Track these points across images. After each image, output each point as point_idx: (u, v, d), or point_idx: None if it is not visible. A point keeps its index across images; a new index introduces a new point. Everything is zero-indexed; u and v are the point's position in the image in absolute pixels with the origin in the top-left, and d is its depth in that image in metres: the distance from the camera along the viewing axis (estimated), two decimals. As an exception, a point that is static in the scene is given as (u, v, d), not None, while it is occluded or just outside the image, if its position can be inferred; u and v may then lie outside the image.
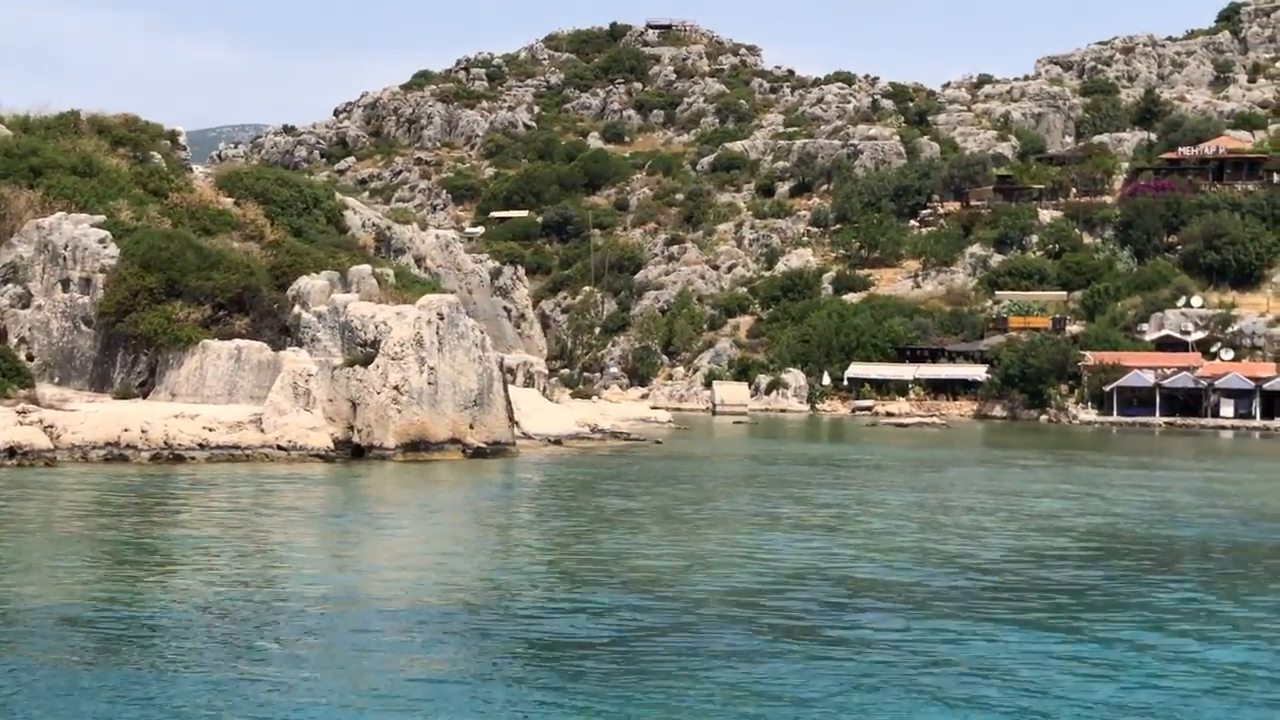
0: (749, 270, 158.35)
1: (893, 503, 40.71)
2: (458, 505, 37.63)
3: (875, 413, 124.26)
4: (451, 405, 49.45)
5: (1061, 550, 31.51)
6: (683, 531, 33.65)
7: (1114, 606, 24.54)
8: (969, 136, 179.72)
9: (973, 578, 27.10)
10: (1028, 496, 43.89)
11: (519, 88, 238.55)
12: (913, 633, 21.68)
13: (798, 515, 36.96)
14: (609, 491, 41.89)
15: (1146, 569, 29.10)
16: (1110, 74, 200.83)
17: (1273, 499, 45.86)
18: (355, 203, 76.73)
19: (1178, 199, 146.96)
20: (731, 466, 54.56)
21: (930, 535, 33.64)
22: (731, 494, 42.56)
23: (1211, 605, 25.05)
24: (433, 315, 49.21)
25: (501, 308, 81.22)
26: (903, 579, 26.69)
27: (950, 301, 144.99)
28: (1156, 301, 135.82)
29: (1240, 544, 34.10)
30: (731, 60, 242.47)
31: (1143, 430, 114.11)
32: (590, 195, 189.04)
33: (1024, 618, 23.18)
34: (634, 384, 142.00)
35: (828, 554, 30.00)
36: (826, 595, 24.82)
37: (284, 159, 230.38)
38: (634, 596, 24.01)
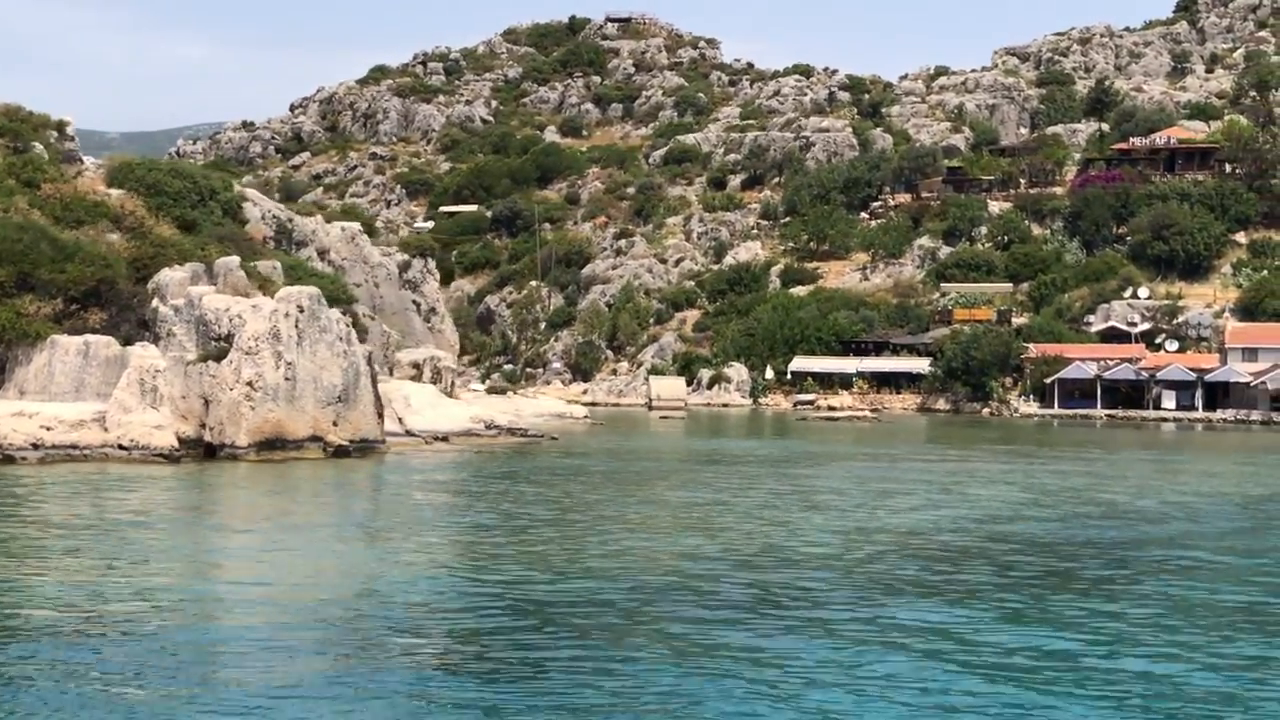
0: (697, 264, 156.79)
1: (732, 503, 39.15)
2: (263, 512, 35.77)
3: (817, 407, 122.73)
4: (312, 402, 47.85)
5: (833, 554, 29.98)
6: (498, 535, 32.17)
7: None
8: (922, 128, 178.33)
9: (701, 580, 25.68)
10: (871, 494, 42.44)
11: (476, 82, 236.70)
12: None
13: (631, 515, 35.48)
14: (454, 491, 40.38)
15: (907, 571, 27.67)
16: (1067, 65, 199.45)
17: (1129, 497, 44.35)
18: (256, 194, 75.13)
19: (1127, 190, 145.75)
20: (609, 464, 52.99)
21: (737, 535, 32.16)
22: (584, 494, 41.04)
23: (927, 616, 23.61)
24: (291, 308, 47.56)
25: (410, 301, 79.57)
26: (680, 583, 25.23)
27: (898, 294, 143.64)
28: (1103, 293, 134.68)
29: (1044, 543, 32.62)
30: (690, 53, 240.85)
31: (1083, 423, 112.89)
32: (542, 189, 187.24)
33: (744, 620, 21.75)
34: (577, 379, 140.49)
35: (624, 554, 28.58)
36: (606, 598, 23.39)
37: (239, 154, 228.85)
38: (428, 605, 22.54)
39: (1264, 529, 35.82)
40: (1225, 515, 38.79)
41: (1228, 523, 37.10)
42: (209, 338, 47.14)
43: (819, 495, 40.98)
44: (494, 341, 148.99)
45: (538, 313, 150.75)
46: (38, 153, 62.79)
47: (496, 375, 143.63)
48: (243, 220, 71.92)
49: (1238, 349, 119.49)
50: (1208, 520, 37.47)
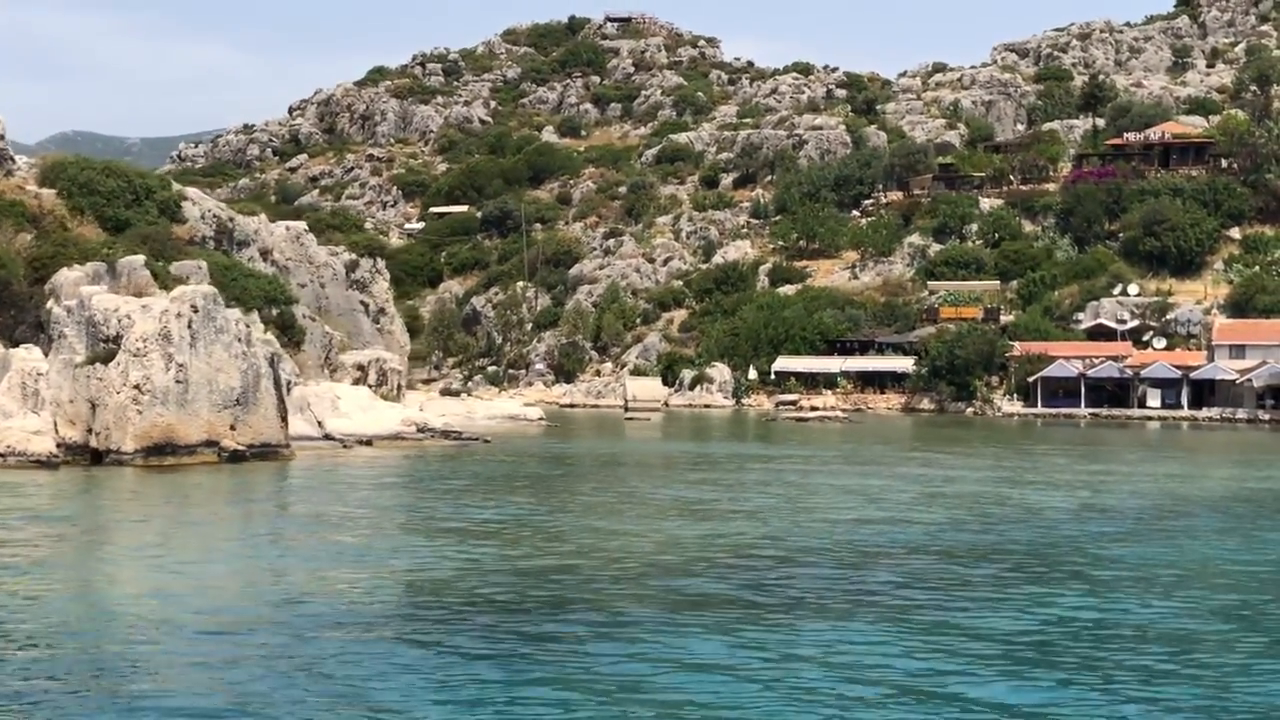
0: (685, 263, 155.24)
1: (600, 512, 37.61)
2: (110, 519, 34.34)
3: (799, 407, 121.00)
4: (207, 405, 46.45)
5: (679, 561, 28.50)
6: (375, 539, 30.84)
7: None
8: (917, 125, 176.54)
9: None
10: (782, 499, 40.92)
11: (475, 83, 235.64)
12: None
13: (502, 523, 34.12)
14: (328, 499, 38.99)
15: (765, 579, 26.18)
16: (1066, 61, 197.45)
17: (1059, 500, 42.72)
18: (195, 193, 73.95)
19: (1119, 185, 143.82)
20: (523, 468, 51.56)
21: (581, 544, 30.71)
22: (463, 501, 39.62)
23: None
24: (184, 308, 46.13)
25: (358, 302, 78.21)
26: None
27: (887, 292, 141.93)
28: (1093, 290, 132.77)
29: (939, 548, 31.05)
30: (690, 52, 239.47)
31: (1066, 422, 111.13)
32: (534, 189, 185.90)
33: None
34: (560, 380, 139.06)
35: (459, 564, 27.25)
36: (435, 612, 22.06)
37: (236, 157, 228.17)
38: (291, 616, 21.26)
39: (1133, 535, 34.19)
40: (1114, 520, 37.16)
41: (1111, 528, 35.50)
42: (98, 339, 45.79)
43: (703, 498, 39.44)
44: (477, 343, 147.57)
45: (522, 313, 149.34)
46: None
47: (479, 377, 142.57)
48: (181, 219, 70.69)
49: (1225, 346, 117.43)
50: (1093, 525, 35.91)
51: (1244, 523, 36.51)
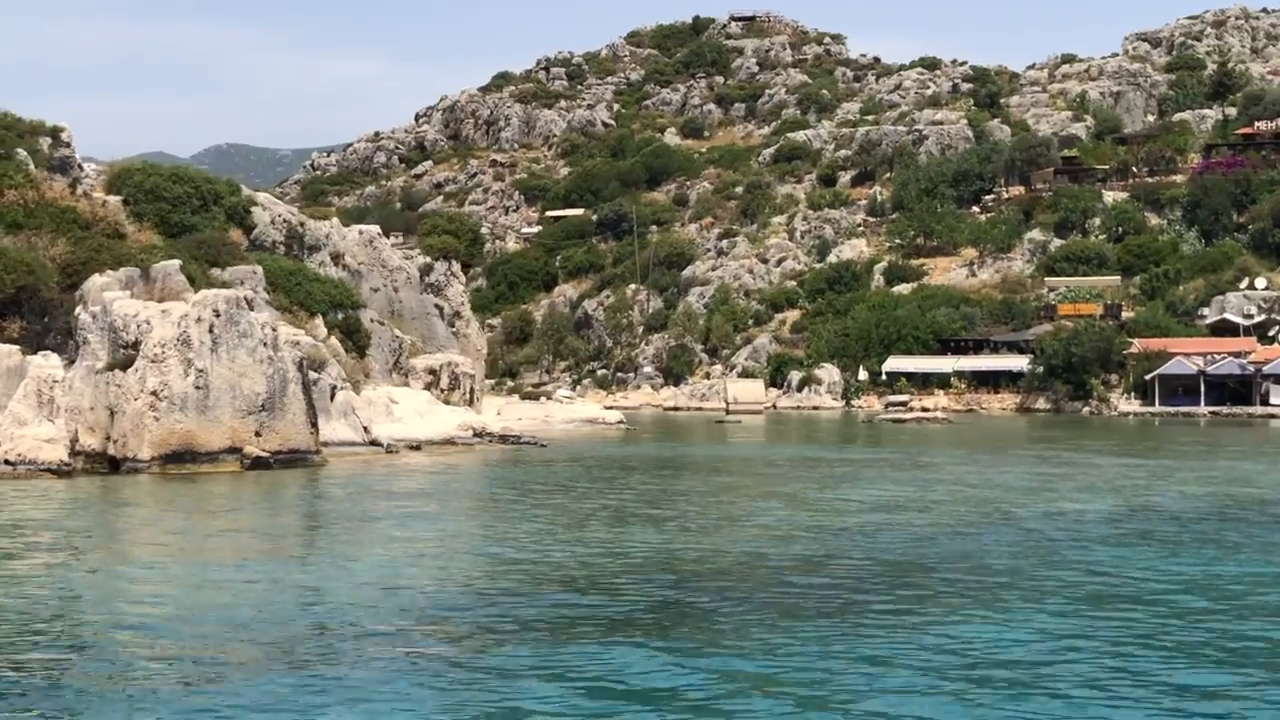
0: (799, 263, 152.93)
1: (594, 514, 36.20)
2: (85, 529, 33.51)
3: (909, 408, 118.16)
4: (230, 411, 45.68)
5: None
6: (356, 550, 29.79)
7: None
8: (1042, 118, 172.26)
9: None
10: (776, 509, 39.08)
11: (599, 86, 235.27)
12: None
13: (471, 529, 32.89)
14: (328, 509, 38.10)
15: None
16: (1200, 49, 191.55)
17: (1035, 505, 40.24)
18: (266, 198, 73.68)
19: (1248, 176, 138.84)
20: (567, 473, 50.21)
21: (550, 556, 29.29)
22: (475, 508, 38.45)
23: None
24: (205, 313, 45.41)
25: (433, 305, 77.44)
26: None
27: (1005, 290, 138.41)
28: (1219, 284, 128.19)
29: (881, 561, 29.05)
30: (815, 50, 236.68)
31: (1185, 421, 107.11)
32: (651, 191, 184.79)
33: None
34: (669, 383, 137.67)
35: (395, 576, 26.04)
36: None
37: (364, 165, 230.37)
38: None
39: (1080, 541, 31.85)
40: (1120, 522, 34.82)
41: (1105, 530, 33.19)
42: (118, 345, 45.30)
43: (709, 507, 37.79)
44: (586, 347, 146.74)
45: (632, 316, 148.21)
46: (20, 159, 61.84)
47: (587, 381, 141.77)
48: (249, 225, 70.51)
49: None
50: (1089, 529, 33.59)
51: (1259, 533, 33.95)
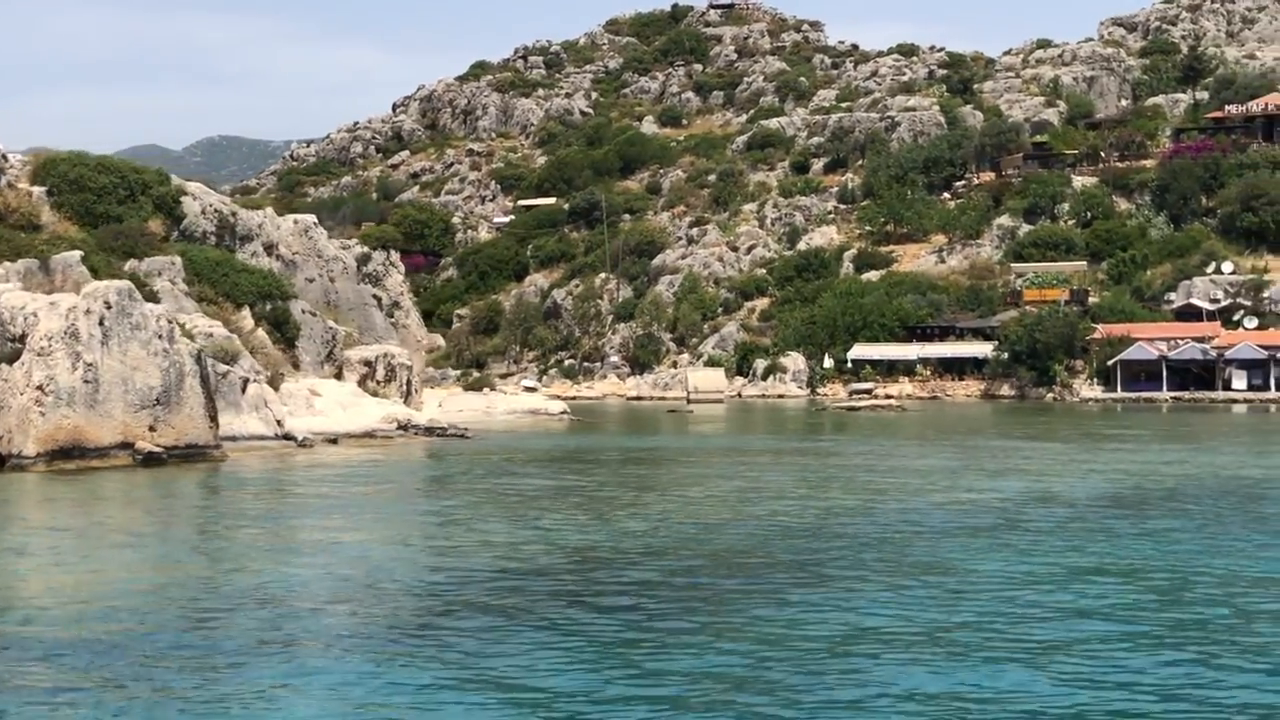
0: (770, 251, 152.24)
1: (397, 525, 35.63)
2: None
3: (874, 395, 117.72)
4: (122, 405, 45.02)
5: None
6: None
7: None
8: (1015, 104, 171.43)
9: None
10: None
11: (577, 74, 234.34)
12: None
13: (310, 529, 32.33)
14: (206, 505, 37.56)
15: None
16: (1176, 33, 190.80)
17: (902, 495, 39.66)
18: (198, 188, 72.92)
19: (1217, 160, 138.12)
20: (475, 468, 49.69)
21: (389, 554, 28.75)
22: (345, 503, 37.91)
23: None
24: (95, 305, 44.74)
25: (370, 296, 76.83)
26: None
27: (974, 276, 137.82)
28: (1186, 269, 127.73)
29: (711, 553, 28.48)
30: (794, 37, 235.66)
31: (1147, 406, 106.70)
32: (625, 180, 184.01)
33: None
34: (636, 372, 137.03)
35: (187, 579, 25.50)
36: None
37: (340, 155, 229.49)
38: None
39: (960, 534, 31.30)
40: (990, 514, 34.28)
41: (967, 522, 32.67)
42: (5, 339, 44.65)
43: (565, 507, 37.27)
44: (554, 336, 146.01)
45: (600, 306, 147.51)
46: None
47: (554, 370, 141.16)
48: (180, 215, 69.89)
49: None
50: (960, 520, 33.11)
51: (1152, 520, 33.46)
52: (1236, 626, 20.46)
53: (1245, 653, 18.78)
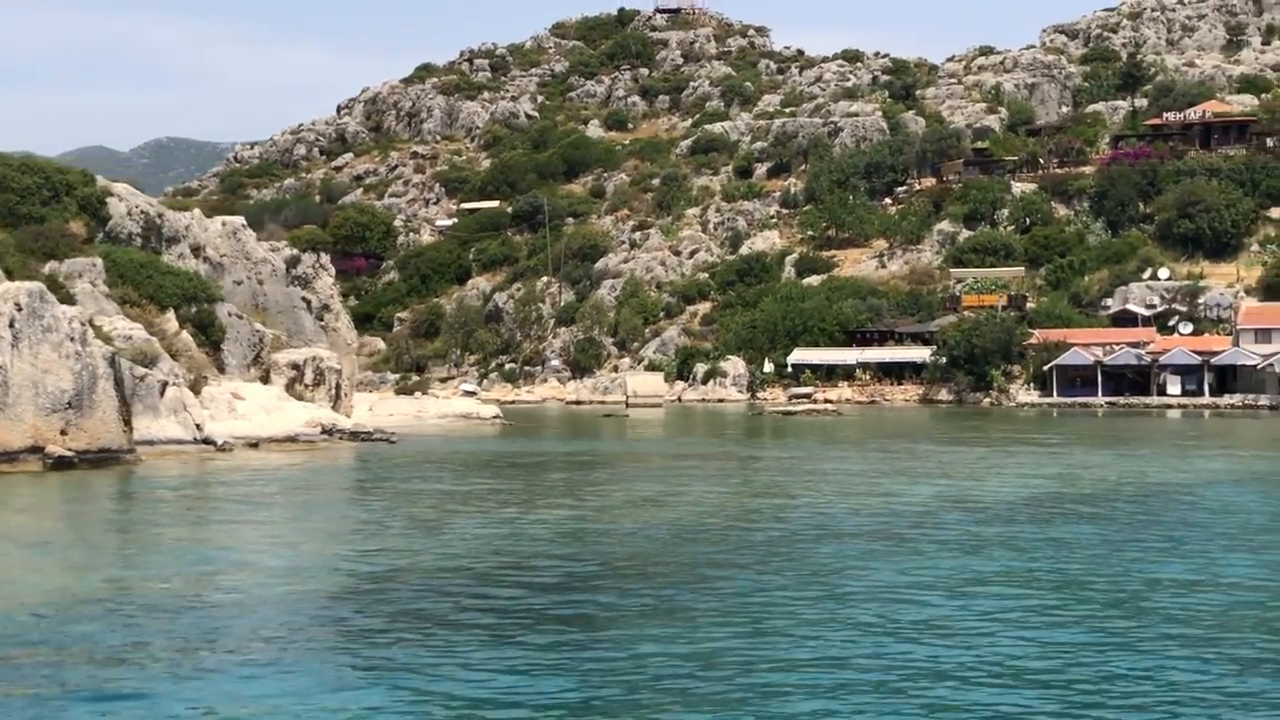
0: (713, 255, 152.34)
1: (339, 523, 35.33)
2: None
3: (814, 400, 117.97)
4: (32, 409, 44.47)
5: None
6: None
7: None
8: (956, 110, 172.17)
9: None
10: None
11: (523, 78, 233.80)
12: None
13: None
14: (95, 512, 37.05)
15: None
16: (1117, 41, 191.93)
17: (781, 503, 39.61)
18: (124, 189, 72.21)
19: (1154, 167, 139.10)
20: (391, 474, 49.36)
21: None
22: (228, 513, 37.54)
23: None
24: (5, 306, 44.22)
25: (300, 299, 76.23)
26: None
27: (914, 281, 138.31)
28: (1123, 275, 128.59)
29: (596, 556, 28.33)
30: (740, 42, 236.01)
31: (1083, 411, 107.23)
32: (569, 183, 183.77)
33: None
34: (577, 376, 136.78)
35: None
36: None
37: (284, 157, 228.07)
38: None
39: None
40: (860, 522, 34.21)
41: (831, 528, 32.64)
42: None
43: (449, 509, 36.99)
44: (495, 340, 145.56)
45: (541, 309, 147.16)
46: None
47: (495, 374, 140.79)
48: (104, 216, 69.18)
49: (1250, 330, 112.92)
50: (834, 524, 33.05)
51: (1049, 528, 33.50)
52: (1128, 631, 20.43)
53: (1136, 655, 18.74)
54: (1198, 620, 21.12)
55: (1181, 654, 18.88)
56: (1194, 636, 19.96)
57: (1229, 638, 19.93)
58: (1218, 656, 18.75)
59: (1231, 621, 21.09)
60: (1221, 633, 20.26)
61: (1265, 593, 23.45)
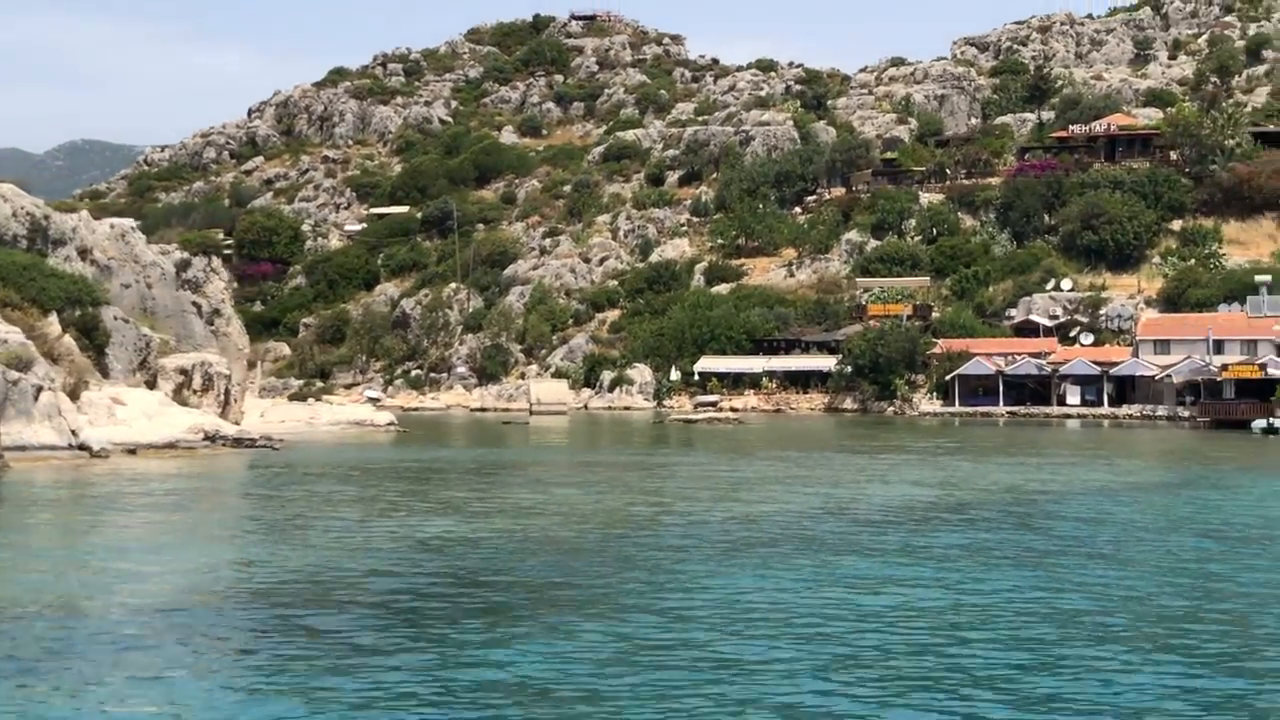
0: (623, 263, 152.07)
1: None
2: None
3: (720, 408, 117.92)
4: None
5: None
6: None
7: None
8: (867, 120, 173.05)
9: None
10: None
11: (437, 83, 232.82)
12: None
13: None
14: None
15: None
16: (1026, 54, 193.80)
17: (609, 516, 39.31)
18: (8, 189, 70.87)
19: (1059, 179, 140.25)
20: (259, 480, 48.60)
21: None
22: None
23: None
24: None
25: (190, 303, 75.13)
26: None
27: (821, 290, 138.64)
28: (1026, 285, 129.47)
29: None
30: (655, 50, 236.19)
31: (985, 421, 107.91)
32: (480, 189, 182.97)
33: None
34: (484, 383, 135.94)
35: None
36: None
37: (193, 160, 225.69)
38: None
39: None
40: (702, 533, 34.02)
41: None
42: None
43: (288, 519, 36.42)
44: (401, 346, 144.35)
45: (448, 316, 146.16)
46: None
47: (401, 381, 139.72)
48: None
49: (1149, 341, 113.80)
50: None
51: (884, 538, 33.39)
52: (951, 632, 20.28)
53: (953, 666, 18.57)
54: (1021, 624, 21.03)
55: (992, 653, 18.78)
56: (1011, 639, 19.87)
57: (1042, 636, 19.85)
58: (1033, 661, 18.66)
59: (1036, 624, 21.01)
60: (1029, 630, 20.18)
61: (1092, 598, 23.41)
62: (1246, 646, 20.51)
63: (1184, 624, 21.83)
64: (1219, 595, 24.66)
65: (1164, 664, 18.99)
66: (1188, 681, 18.08)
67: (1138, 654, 19.51)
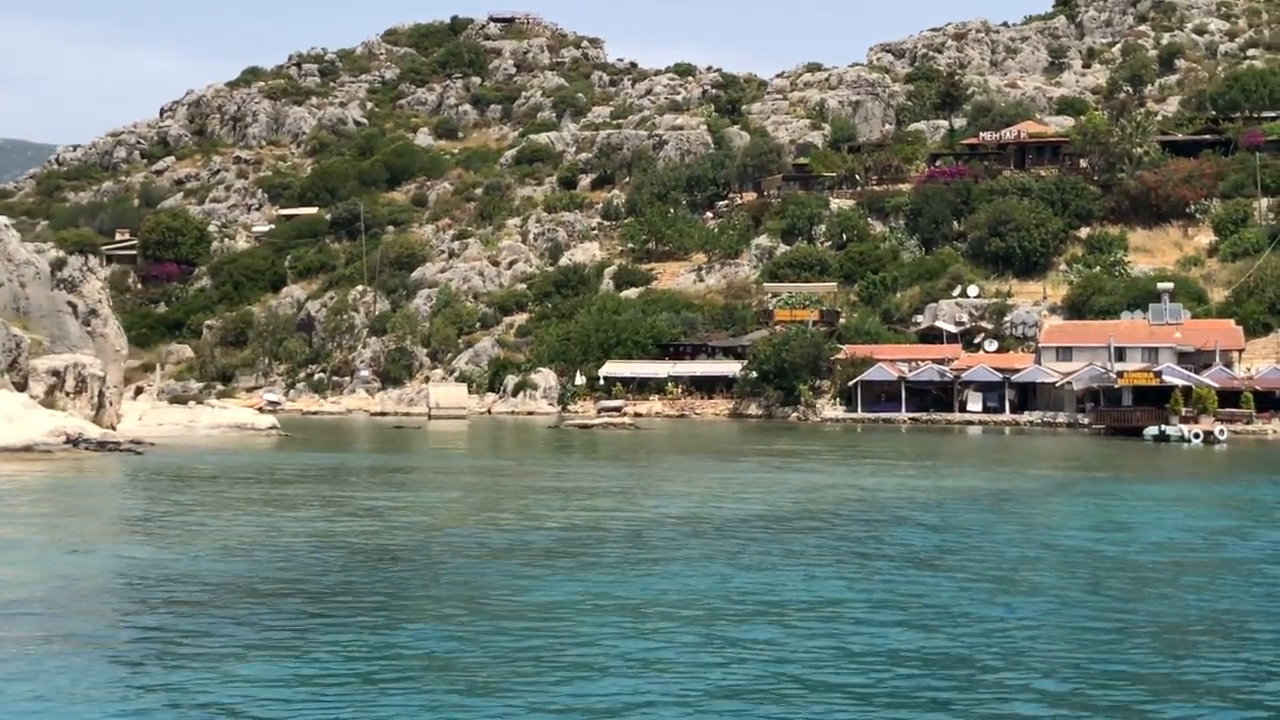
0: (531, 266, 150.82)
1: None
2: None
3: (624, 413, 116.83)
4: None
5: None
6: None
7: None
8: (781, 125, 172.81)
9: None
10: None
11: (352, 84, 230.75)
12: None
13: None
14: None
15: None
16: (942, 61, 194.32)
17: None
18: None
19: (968, 186, 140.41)
20: (108, 486, 47.12)
21: None
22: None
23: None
24: None
25: (65, 303, 73.30)
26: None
27: (730, 295, 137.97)
28: (934, 292, 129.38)
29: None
30: (573, 53, 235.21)
31: (887, 427, 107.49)
32: (391, 191, 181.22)
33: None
34: (388, 387, 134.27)
35: None
36: None
37: (103, 159, 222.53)
38: None
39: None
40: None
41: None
42: None
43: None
44: (304, 349, 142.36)
45: (353, 319, 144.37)
46: None
47: (303, 384, 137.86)
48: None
49: (1051, 348, 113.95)
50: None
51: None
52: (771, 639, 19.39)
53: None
54: (840, 627, 20.19)
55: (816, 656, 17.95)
56: (834, 645, 19.07)
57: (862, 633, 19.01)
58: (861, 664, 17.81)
59: (853, 625, 20.17)
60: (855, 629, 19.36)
61: (925, 608, 22.61)
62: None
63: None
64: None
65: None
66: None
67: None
